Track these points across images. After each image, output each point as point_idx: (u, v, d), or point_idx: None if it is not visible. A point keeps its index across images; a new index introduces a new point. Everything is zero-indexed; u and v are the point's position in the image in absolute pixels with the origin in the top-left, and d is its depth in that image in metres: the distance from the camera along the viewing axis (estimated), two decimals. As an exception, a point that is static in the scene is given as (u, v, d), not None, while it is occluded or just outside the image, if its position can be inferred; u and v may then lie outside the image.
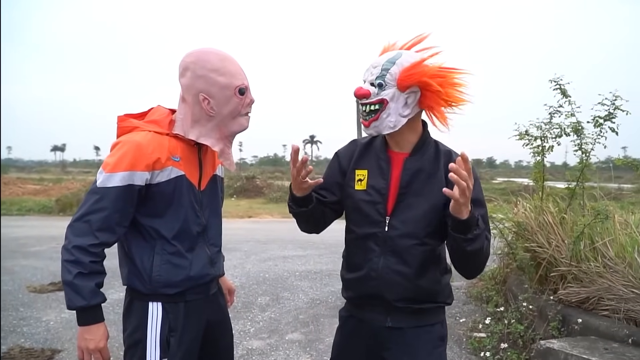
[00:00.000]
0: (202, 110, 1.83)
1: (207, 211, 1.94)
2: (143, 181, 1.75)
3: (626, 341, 3.27)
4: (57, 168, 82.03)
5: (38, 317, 5.03)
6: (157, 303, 1.83)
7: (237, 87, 1.83)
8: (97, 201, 1.71)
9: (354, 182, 1.90)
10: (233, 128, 1.90)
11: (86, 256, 1.67)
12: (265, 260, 8.12)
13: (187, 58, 1.84)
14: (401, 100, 1.76)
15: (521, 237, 4.87)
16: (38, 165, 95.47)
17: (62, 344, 4.30)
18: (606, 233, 4.08)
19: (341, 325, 2.05)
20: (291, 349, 4.32)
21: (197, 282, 1.88)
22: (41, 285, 6.25)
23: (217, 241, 2.02)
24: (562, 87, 4.48)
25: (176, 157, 1.82)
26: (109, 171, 1.72)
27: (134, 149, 1.74)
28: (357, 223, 1.89)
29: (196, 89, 1.81)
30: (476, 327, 4.70)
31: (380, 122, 1.77)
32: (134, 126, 1.84)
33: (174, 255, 1.83)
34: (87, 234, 1.68)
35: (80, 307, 1.68)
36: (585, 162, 4.53)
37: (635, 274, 3.56)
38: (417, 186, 1.81)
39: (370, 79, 1.78)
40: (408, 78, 1.73)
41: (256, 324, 4.97)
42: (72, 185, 23.98)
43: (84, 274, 1.66)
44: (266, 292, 6.17)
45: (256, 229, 12.70)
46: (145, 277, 1.81)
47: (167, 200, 1.81)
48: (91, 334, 1.72)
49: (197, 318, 1.91)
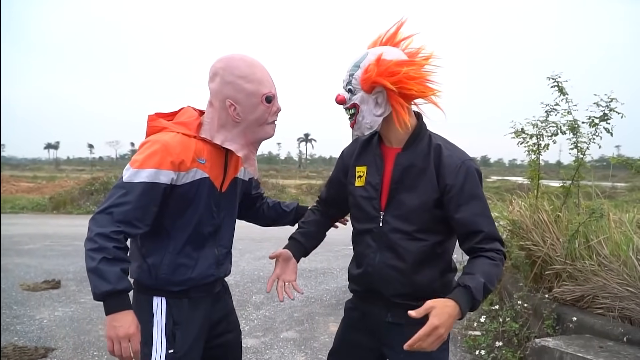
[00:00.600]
0: (229, 116, 1.84)
1: (223, 213, 1.97)
2: (169, 180, 1.77)
3: (621, 339, 3.27)
4: (50, 166, 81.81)
5: (31, 315, 5.00)
6: (161, 297, 1.87)
7: (264, 95, 1.84)
8: (122, 195, 1.71)
9: (354, 179, 1.95)
10: (259, 135, 1.91)
11: (109, 242, 1.65)
12: (260, 258, 8.11)
13: (217, 64, 1.85)
14: (371, 102, 1.79)
15: (516, 236, 4.87)
16: (31, 163, 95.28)
17: (56, 342, 4.28)
18: (601, 231, 4.09)
19: (345, 316, 2.08)
20: (286, 347, 4.31)
21: (198, 282, 1.90)
22: (34, 283, 6.21)
23: (228, 243, 2.04)
24: (559, 85, 4.48)
25: (202, 160, 1.85)
26: (136, 167, 1.74)
27: (162, 149, 1.76)
28: (357, 219, 1.95)
29: (223, 94, 1.82)
30: (471, 325, 4.70)
31: (358, 124, 1.83)
32: (163, 127, 1.86)
33: (181, 255, 1.86)
34: (109, 224, 1.67)
35: (106, 291, 1.61)
36: (580, 160, 4.54)
37: (629, 272, 3.57)
38: (408, 181, 1.82)
39: (343, 84, 1.84)
40: (364, 81, 1.77)
41: (251, 322, 4.96)
42: (65, 183, 23.84)
43: (108, 259, 1.63)
44: (261, 290, 6.16)
45: (251, 226, 12.50)
46: (152, 274, 1.84)
47: (187, 202, 1.84)
48: (119, 321, 1.65)
49: (201, 314, 1.95)
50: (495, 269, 1.67)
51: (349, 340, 2.03)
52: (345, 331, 2.06)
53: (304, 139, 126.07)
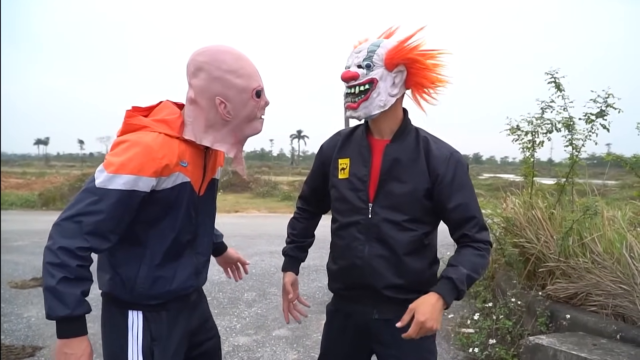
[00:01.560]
0: (218, 115, 1.70)
1: (200, 217, 1.81)
2: (148, 188, 1.60)
3: (614, 337, 3.26)
4: (40, 162, 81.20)
5: (19, 313, 4.93)
6: (138, 312, 1.71)
7: (254, 90, 1.72)
8: (93, 202, 1.52)
9: (337, 171, 1.94)
10: (247, 132, 1.79)
11: (73, 259, 1.47)
12: (252, 255, 8.05)
13: (200, 57, 1.69)
14: (389, 80, 1.78)
15: (510, 233, 4.87)
16: (21, 159, 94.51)
17: (44, 341, 4.21)
18: (594, 229, 4.08)
19: (329, 320, 2.07)
20: (278, 345, 4.27)
21: (177, 294, 1.76)
22: (22, 280, 6.14)
23: (206, 250, 1.89)
24: (556, 81, 4.47)
25: (184, 163, 1.68)
26: (112, 171, 1.54)
27: (144, 152, 1.57)
28: (341, 212, 1.91)
29: (212, 92, 1.67)
30: (464, 322, 4.68)
31: (370, 101, 1.77)
32: (144, 125, 1.66)
33: (159, 267, 1.70)
34: (75, 236, 1.49)
35: (62, 317, 1.46)
36: (575, 157, 4.53)
37: (623, 270, 3.56)
38: (397, 172, 1.82)
39: (356, 62, 1.79)
40: (395, 56, 1.76)
41: (242, 320, 4.91)
42: (55, 179, 23.71)
43: (69, 280, 1.46)
44: (253, 287, 6.11)
45: (243, 223, 12.63)
46: (127, 287, 1.67)
47: (166, 208, 1.68)
48: (72, 349, 1.50)
49: (180, 325, 1.81)
50: (480, 260, 1.76)
51: (336, 342, 2.01)
52: (331, 334, 2.05)
53: (297, 135, 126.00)
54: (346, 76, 1.78)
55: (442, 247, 6.09)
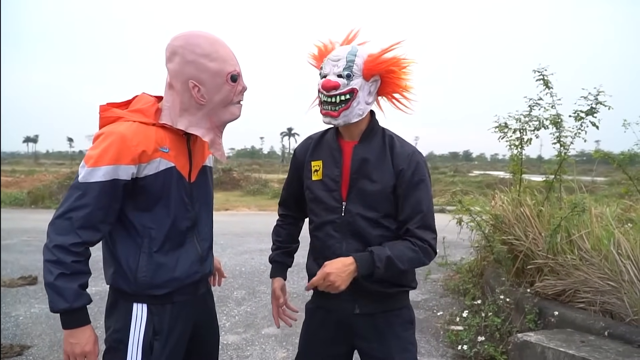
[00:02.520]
0: (192, 98, 1.71)
1: (197, 204, 1.84)
2: (129, 175, 1.64)
3: (602, 334, 3.28)
4: (29, 160, 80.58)
5: (7, 312, 4.89)
6: (143, 304, 1.74)
7: (229, 74, 1.72)
8: (79, 197, 1.59)
9: (310, 174, 2.00)
10: (224, 117, 1.79)
11: (68, 255, 1.56)
12: (242, 253, 8.04)
13: (175, 42, 1.71)
14: (366, 89, 1.86)
15: (498, 230, 4.89)
16: (10, 157, 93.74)
17: (32, 340, 4.18)
18: (582, 226, 4.10)
19: (308, 317, 2.12)
20: (267, 344, 4.26)
21: (183, 282, 1.78)
22: (10, 279, 6.08)
23: (208, 236, 1.93)
24: (545, 78, 4.48)
25: (165, 148, 1.70)
26: (91, 165, 1.60)
27: (118, 141, 1.61)
28: (316, 212, 1.98)
29: (185, 75, 1.69)
30: (453, 320, 4.70)
31: (351, 110, 1.84)
32: (118, 116, 1.71)
33: (160, 253, 1.72)
34: (68, 232, 1.57)
35: (63, 309, 1.57)
36: (563, 155, 4.55)
37: (611, 267, 3.58)
38: (366, 171, 1.89)
39: (336, 71, 1.84)
40: (374, 68, 1.85)
41: (232, 319, 4.90)
42: (44, 177, 23.49)
43: (66, 275, 1.55)
44: (242, 285, 6.10)
45: (233, 221, 12.59)
46: (130, 278, 1.70)
47: (156, 195, 1.70)
48: (76, 338, 1.60)
49: (184, 320, 1.83)
50: (410, 253, 1.82)
51: (315, 339, 2.06)
52: (310, 331, 2.09)
53: (287, 133, 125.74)
54: (328, 86, 1.82)
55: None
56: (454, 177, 30.17)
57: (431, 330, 4.57)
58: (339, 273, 1.73)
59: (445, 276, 6.31)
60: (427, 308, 5.25)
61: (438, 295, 5.68)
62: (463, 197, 5.44)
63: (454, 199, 5.17)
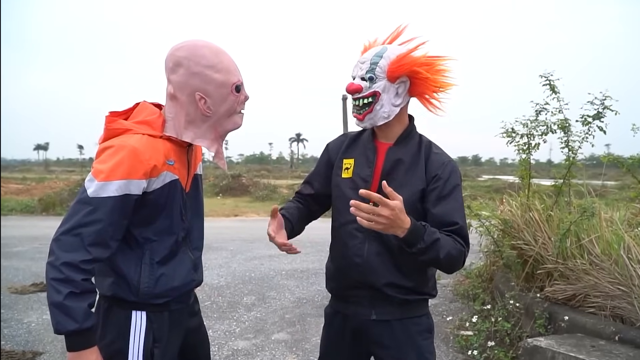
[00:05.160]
0: (198, 110, 1.69)
1: (189, 213, 1.83)
2: (140, 190, 1.60)
3: (613, 338, 3.26)
4: (40, 167, 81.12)
5: (19, 318, 4.93)
6: (142, 312, 1.71)
7: (233, 84, 1.72)
8: (89, 213, 1.52)
9: (341, 171, 1.96)
10: (228, 127, 1.79)
11: (78, 274, 1.49)
12: (251, 259, 8.06)
13: (179, 52, 1.68)
14: (392, 91, 1.83)
15: (507, 235, 4.87)
16: (21, 164, 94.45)
17: (44, 346, 4.22)
18: (592, 230, 4.09)
19: (327, 323, 2.07)
20: (277, 349, 4.28)
21: (181, 290, 1.77)
22: (22, 286, 6.14)
23: (199, 245, 1.91)
24: (551, 83, 4.49)
25: (171, 161, 1.68)
26: (102, 179, 1.54)
27: (131, 155, 1.57)
28: (341, 211, 1.92)
29: (191, 87, 1.66)
30: (463, 325, 4.69)
31: (375, 113, 1.83)
32: (126, 128, 1.66)
33: (160, 265, 1.71)
34: (78, 249, 1.50)
35: (72, 330, 1.49)
36: (572, 159, 4.54)
37: (621, 271, 3.56)
38: (397, 174, 1.86)
39: (360, 74, 1.84)
40: (398, 69, 1.81)
41: (242, 324, 4.91)
42: (55, 184, 23.65)
43: (75, 294, 1.48)
44: (252, 291, 6.12)
45: (242, 227, 12.62)
46: (132, 290, 1.67)
47: (159, 207, 1.68)
48: None
49: (179, 328, 1.83)
50: (451, 245, 1.73)
51: (335, 345, 2.02)
52: (329, 337, 2.06)
53: (296, 138, 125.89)
54: (350, 89, 1.83)
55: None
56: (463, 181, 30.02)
57: (441, 335, 4.57)
58: (394, 218, 1.59)
59: (455, 281, 6.30)
60: (437, 313, 5.24)
61: (448, 300, 5.68)
62: (471, 202, 5.44)
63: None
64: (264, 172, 46.56)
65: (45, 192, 19.36)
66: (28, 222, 13.33)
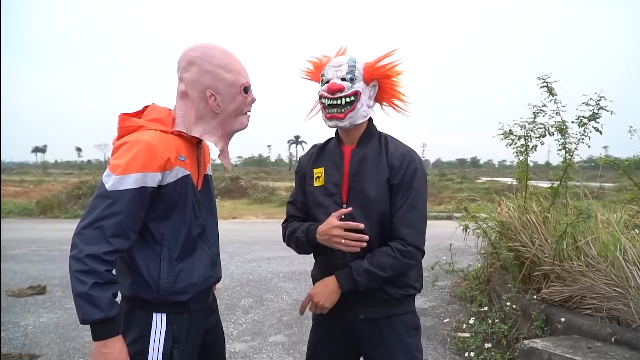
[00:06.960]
0: (208, 107, 1.79)
1: (204, 211, 1.88)
2: (155, 183, 1.66)
3: (609, 340, 3.27)
4: (38, 169, 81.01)
5: (16, 321, 4.93)
6: (162, 314, 1.75)
7: (242, 85, 1.82)
8: (109, 205, 1.59)
9: (312, 180, 2.05)
10: (234, 126, 1.88)
11: (101, 265, 1.55)
12: (249, 261, 8.06)
13: (192, 52, 1.78)
14: (367, 93, 1.95)
15: (505, 237, 4.88)
16: (19, 167, 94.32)
17: (41, 349, 4.21)
18: (589, 232, 4.09)
19: (315, 324, 2.15)
20: (275, 352, 4.28)
21: (200, 287, 1.81)
22: (19, 289, 6.13)
23: (216, 241, 1.96)
24: (549, 85, 4.50)
25: (182, 157, 1.75)
26: (120, 173, 1.61)
27: (145, 149, 1.64)
28: (318, 217, 1.98)
29: (203, 84, 1.76)
30: (460, 327, 4.69)
31: (356, 112, 1.91)
32: (139, 125, 1.74)
33: (179, 260, 1.75)
34: (100, 241, 1.56)
35: (98, 319, 1.55)
36: (568, 161, 4.55)
37: (617, 273, 3.57)
38: (364, 172, 1.94)
39: (339, 75, 1.92)
40: (373, 72, 1.93)
41: (239, 327, 4.92)
42: (53, 186, 23.62)
43: (100, 284, 1.54)
44: (250, 293, 6.12)
45: (240, 229, 12.62)
46: (152, 287, 1.71)
47: (173, 202, 1.74)
48: (110, 348, 1.59)
49: (198, 328, 1.87)
50: (389, 260, 1.84)
51: (323, 346, 2.09)
52: (317, 338, 2.12)
53: (295, 141, 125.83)
54: (333, 88, 1.89)
55: (439, 250, 6.11)
56: (462, 183, 30.14)
57: (438, 337, 4.57)
58: (321, 293, 1.88)
59: (452, 283, 6.30)
60: (434, 315, 5.24)
61: (445, 302, 5.68)
62: (469, 204, 5.44)
63: (460, 206, 5.17)
64: (262, 175, 46.57)
65: (43, 195, 19.34)
66: (26, 225, 13.33)
